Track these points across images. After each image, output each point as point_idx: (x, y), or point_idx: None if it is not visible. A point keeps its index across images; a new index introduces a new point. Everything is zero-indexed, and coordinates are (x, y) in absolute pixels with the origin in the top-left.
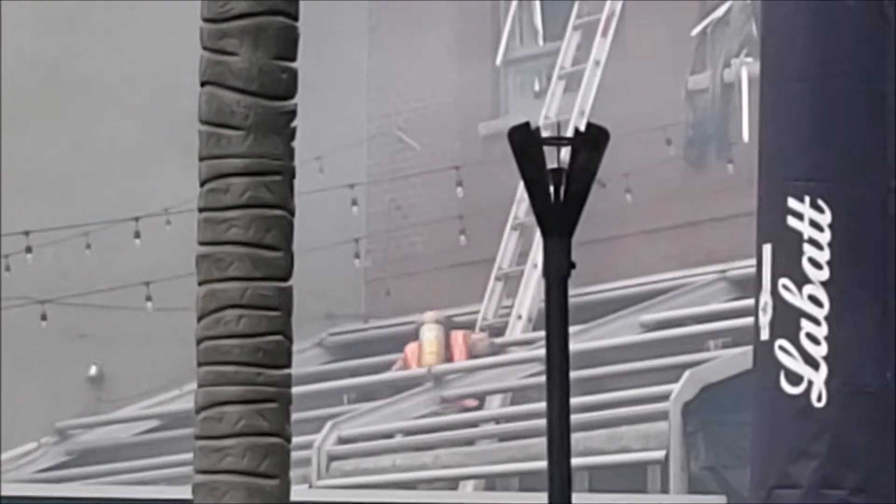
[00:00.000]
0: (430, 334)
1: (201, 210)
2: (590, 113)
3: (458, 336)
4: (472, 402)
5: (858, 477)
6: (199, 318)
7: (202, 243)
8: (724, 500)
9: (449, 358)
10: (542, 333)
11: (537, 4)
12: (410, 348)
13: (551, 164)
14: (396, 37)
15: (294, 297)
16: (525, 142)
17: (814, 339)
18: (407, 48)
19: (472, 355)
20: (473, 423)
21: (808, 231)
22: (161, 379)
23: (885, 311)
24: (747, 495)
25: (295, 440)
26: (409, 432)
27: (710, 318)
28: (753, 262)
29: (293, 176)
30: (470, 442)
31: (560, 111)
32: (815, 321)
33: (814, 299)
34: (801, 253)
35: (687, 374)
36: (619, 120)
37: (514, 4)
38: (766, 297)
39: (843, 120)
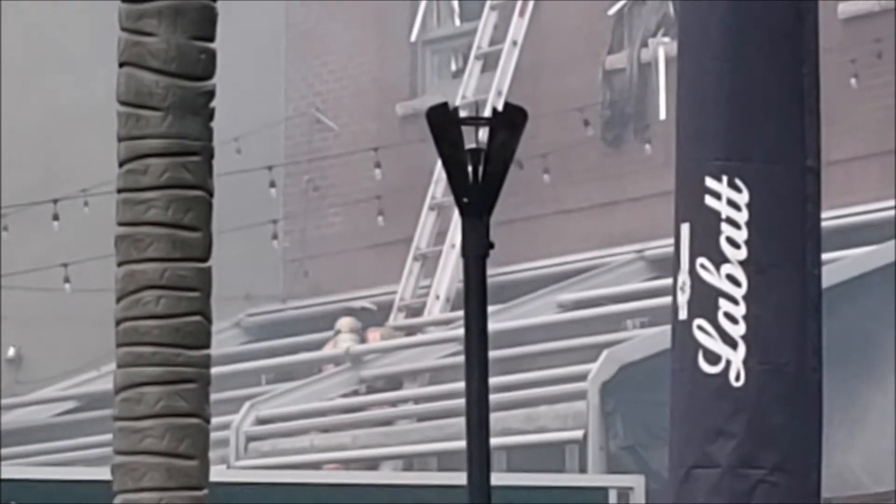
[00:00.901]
0: (345, 344)
1: (120, 191)
2: (507, 93)
3: (375, 335)
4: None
5: (777, 456)
6: (118, 299)
7: (121, 224)
8: (643, 480)
9: None
10: (461, 313)
11: None
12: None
13: (469, 145)
14: (313, 17)
15: (213, 277)
16: (443, 122)
17: (732, 319)
18: (324, 29)
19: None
20: (392, 403)
21: (725, 210)
22: (79, 360)
23: (803, 290)
24: (666, 475)
25: (213, 421)
26: (326, 413)
27: (627, 297)
28: (671, 241)
29: (212, 157)
30: (388, 422)
31: (477, 91)
32: (733, 300)
33: (731, 278)
34: (718, 232)
35: (605, 353)
36: (536, 100)
37: None
38: (683, 277)
39: (761, 99)
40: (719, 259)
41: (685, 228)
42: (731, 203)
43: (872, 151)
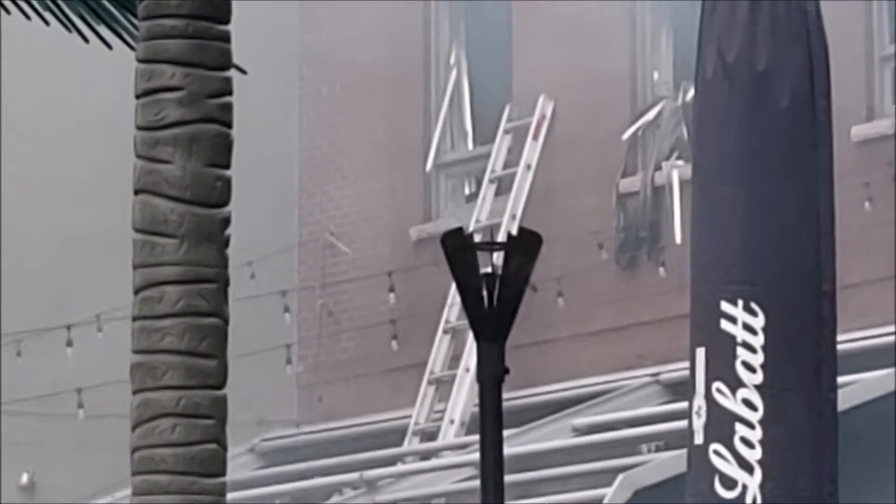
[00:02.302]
0: None
1: (135, 319)
2: (522, 217)
3: None
4: None
5: None
6: (134, 427)
7: (136, 352)
8: None
9: None
10: (476, 437)
11: (467, 108)
12: None
13: (484, 269)
14: (327, 139)
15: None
16: (458, 247)
17: (748, 443)
18: (338, 152)
19: None
20: None
21: (741, 334)
22: (93, 487)
23: (819, 414)
24: None
25: None
26: None
27: (642, 421)
28: (686, 365)
29: (227, 283)
30: None
31: (491, 215)
32: (750, 425)
33: (748, 403)
34: (734, 356)
35: (620, 478)
36: (550, 223)
37: (444, 108)
38: (699, 401)
39: (776, 223)
40: (735, 383)
41: (700, 352)
42: (747, 327)
43: (888, 275)
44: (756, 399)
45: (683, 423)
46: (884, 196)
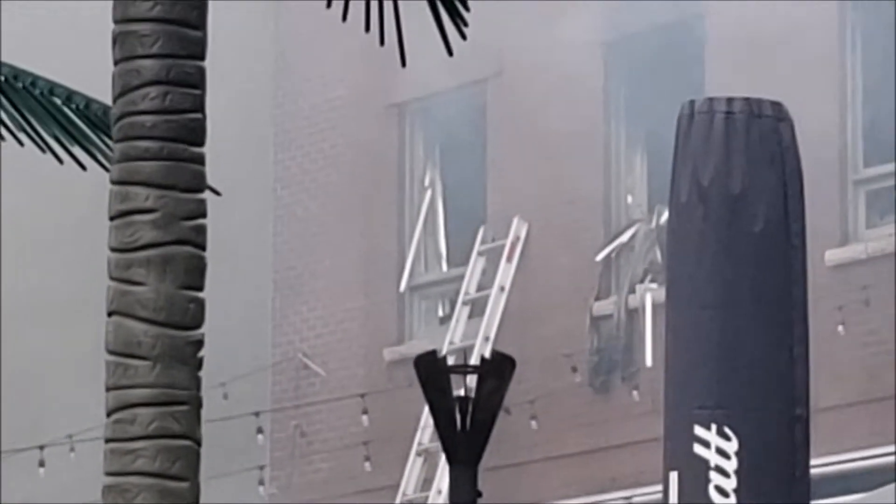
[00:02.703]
0: None
1: (108, 441)
2: (495, 339)
3: None
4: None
5: None
6: None
7: (108, 474)
8: None
9: None
10: None
11: (442, 229)
12: None
13: (457, 392)
14: (301, 260)
15: None
16: (431, 369)
17: None
18: (312, 272)
19: None
20: None
21: (714, 458)
22: None
23: None
24: None
25: None
26: None
27: None
28: (660, 488)
29: (200, 405)
30: None
31: (465, 337)
32: None
33: None
34: (707, 480)
35: None
36: (524, 346)
37: (418, 229)
38: None
39: (750, 347)
40: None
41: (674, 476)
42: (720, 451)
43: (861, 399)
44: None
45: None
46: (857, 320)
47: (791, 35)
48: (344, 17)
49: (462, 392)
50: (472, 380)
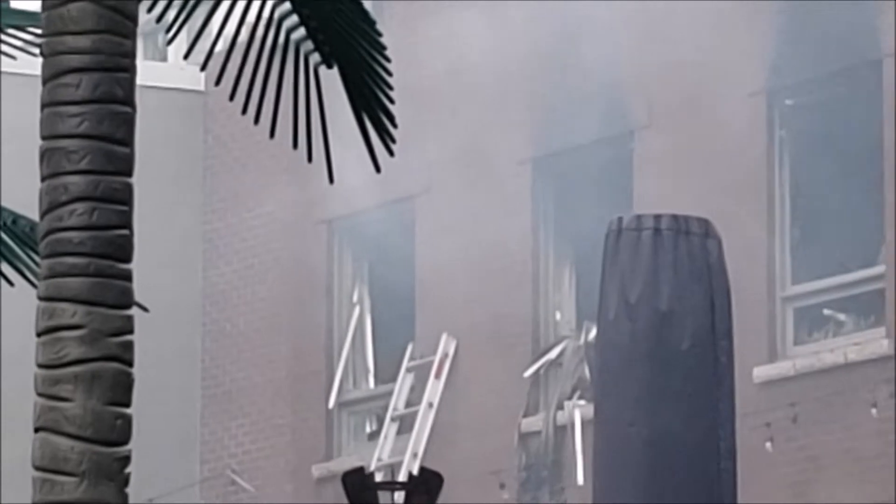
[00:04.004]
0: None
1: None
2: (423, 456)
3: None
4: None
5: None
6: None
7: None
8: None
9: None
10: None
11: (370, 346)
12: None
13: None
14: (229, 376)
15: None
16: (358, 486)
17: None
18: (240, 389)
19: None
20: None
21: None
22: None
23: None
24: None
25: None
26: None
27: None
28: None
29: None
30: None
31: (393, 453)
32: None
33: None
34: None
35: None
36: (452, 462)
37: (346, 346)
38: None
39: (678, 463)
40: None
41: None
42: None
43: None
44: None
45: None
46: (785, 437)
47: (720, 153)
48: (272, 134)
49: None
50: (399, 496)
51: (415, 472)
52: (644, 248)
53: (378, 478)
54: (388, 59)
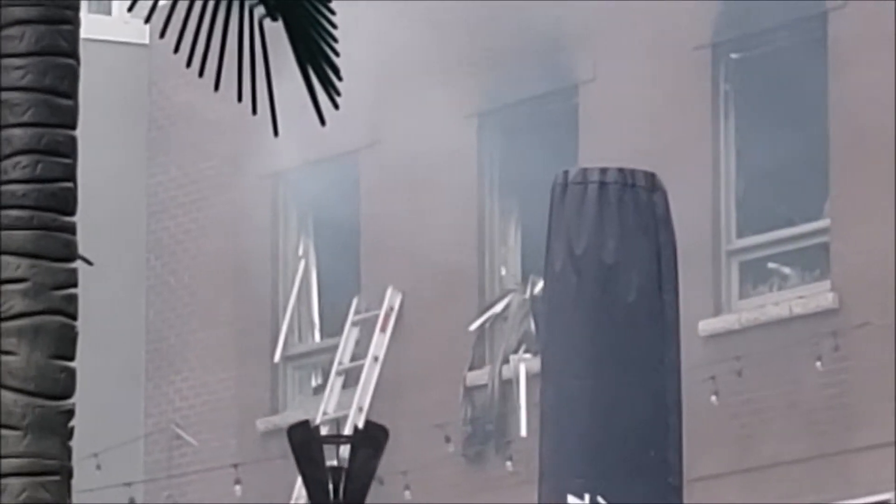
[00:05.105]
0: None
1: None
2: (369, 409)
3: None
4: None
5: None
6: None
7: None
8: None
9: None
10: None
11: (315, 300)
12: None
13: (330, 462)
14: (174, 331)
15: None
16: (304, 440)
17: None
18: (184, 343)
19: None
20: None
21: None
22: None
23: None
24: None
25: None
26: None
27: None
28: None
29: (71, 475)
30: None
31: (339, 407)
32: None
33: None
34: None
35: None
36: (398, 416)
37: (292, 300)
38: None
39: (623, 416)
40: None
41: None
42: None
43: (733, 469)
44: None
45: None
46: (730, 390)
47: (665, 107)
48: (216, 87)
49: (335, 462)
50: (345, 450)
51: (360, 425)
52: (590, 202)
53: (323, 431)
54: (332, 12)
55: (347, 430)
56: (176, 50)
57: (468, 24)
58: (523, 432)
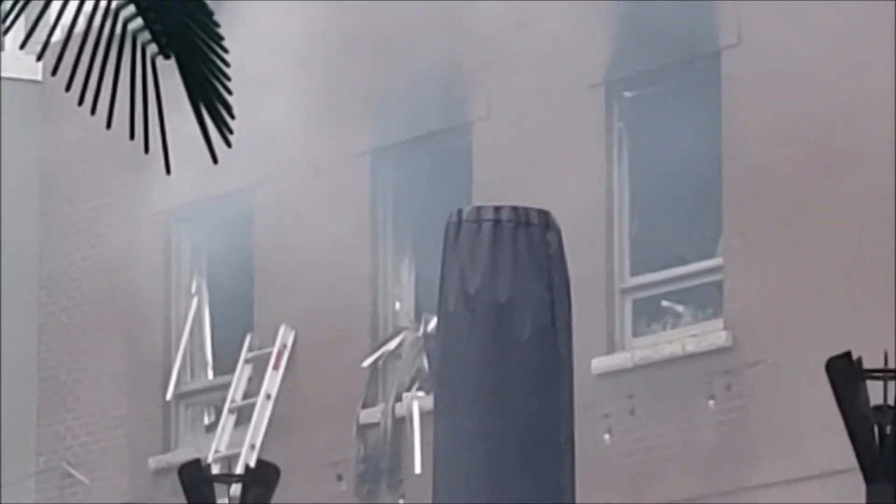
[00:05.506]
0: None
1: None
2: (261, 447)
3: None
4: None
5: None
6: None
7: None
8: None
9: None
10: None
11: (208, 337)
12: None
13: (221, 500)
14: (66, 367)
15: None
16: (195, 478)
17: None
18: (76, 380)
19: None
20: None
21: None
22: None
23: None
24: None
25: None
26: None
27: None
28: None
29: None
30: None
31: (231, 445)
32: None
33: None
34: None
35: None
36: (290, 454)
37: (184, 337)
38: None
39: (517, 457)
40: None
41: None
42: None
43: None
44: None
45: None
46: (623, 429)
47: (559, 144)
48: (108, 125)
49: (227, 501)
50: (236, 489)
51: (252, 464)
52: (484, 240)
53: (215, 470)
54: (225, 50)
55: (239, 469)
56: (68, 87)
57: (362, 60)
58: (417, 469)
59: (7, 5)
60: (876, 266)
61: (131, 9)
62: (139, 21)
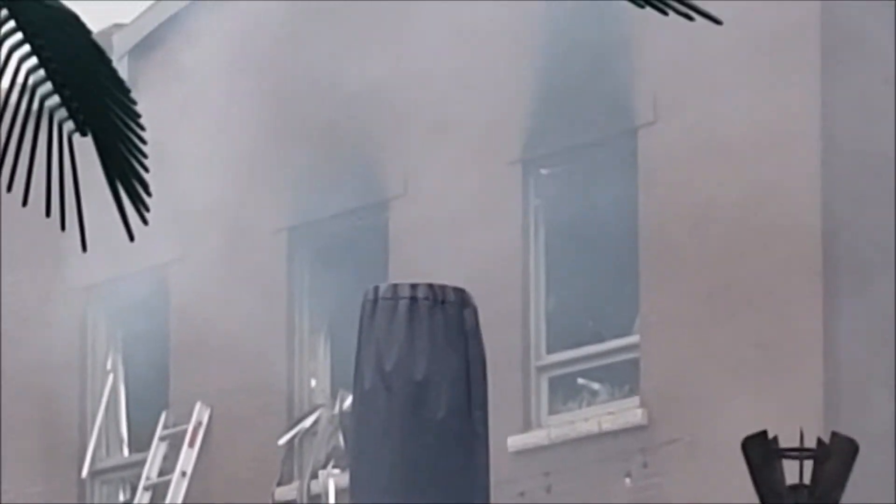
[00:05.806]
0: None
1: None
2: None
3: None
4: None
5: None
6: None
7: None
8: None
9: None
10: None
11: (123, 414)
12: None
13: None
14: None
15: None
16: None
17: None
18: None
19: None
20: None
21: None
22: None
23: None
24: None
25: None
26: None
27: None
28: None
29: None
30: None
31: None
32: None
33: None
34: None
35: None
36: None
37: (100, 414)
38: None
39: None
40: None
41: None
42: None
43: None
44: None
45: None
46: None
47: (476, 221)
48: (24, 202)
49: None
50: None
51: None
52: (400, 317)
53: None
54: (142, 128)
55: None
56: None
57: (279, 137)
58: None
59: None
60: (792, 344)
61: (48, 86)
62: (56, 98)
